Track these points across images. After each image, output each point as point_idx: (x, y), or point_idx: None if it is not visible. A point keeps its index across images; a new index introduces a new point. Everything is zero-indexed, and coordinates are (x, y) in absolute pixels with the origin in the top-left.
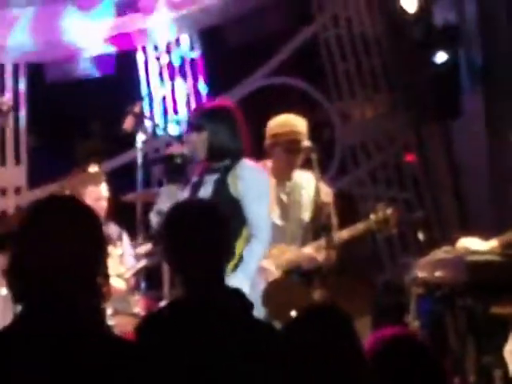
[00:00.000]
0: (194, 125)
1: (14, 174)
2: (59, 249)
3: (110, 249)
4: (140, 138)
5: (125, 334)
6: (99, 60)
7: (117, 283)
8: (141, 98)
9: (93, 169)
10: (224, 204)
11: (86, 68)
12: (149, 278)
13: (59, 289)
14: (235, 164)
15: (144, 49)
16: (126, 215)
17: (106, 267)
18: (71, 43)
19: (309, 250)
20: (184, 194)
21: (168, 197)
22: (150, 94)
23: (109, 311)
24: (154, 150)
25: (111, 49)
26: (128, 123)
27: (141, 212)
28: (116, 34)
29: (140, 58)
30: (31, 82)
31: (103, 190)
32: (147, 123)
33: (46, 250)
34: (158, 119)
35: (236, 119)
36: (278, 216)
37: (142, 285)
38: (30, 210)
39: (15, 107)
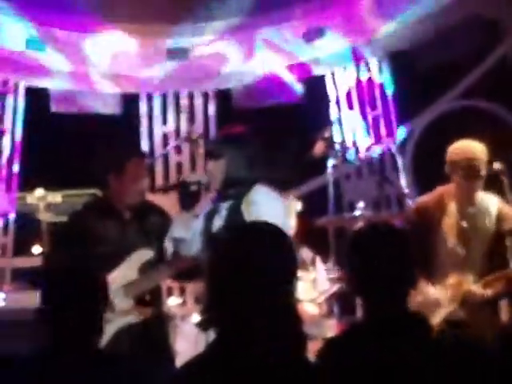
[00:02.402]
0: (210, 152)
1: (205, 200)
2: (250, 275)
3: (303, 273)
4: (330, 163)
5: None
6: (287, 86)
7: (310, 308)
8: (330, 123)
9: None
10: None
11: (274, 94)
12: (342, 303)
13: (254, 315)
14: (249, 190)
15: (333, 74)
16: (319, 239)
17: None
18: (256, 70)
19: (476, 286)
20: (198, 223)
21: (182, 225)
22: (339, 119)
23: None
24: (345, 174)
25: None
26: (318, 148)
27: (333, 236)
28: (297, 63)
29: (329, 83)
30: (220, 109)
31: (292, 221)
32: (337, 148)
33: (240, 277)
34: (348, 144)
35: (256, 148)
36: (457, 243)
37: (336, 309)
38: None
39: (205, 135)
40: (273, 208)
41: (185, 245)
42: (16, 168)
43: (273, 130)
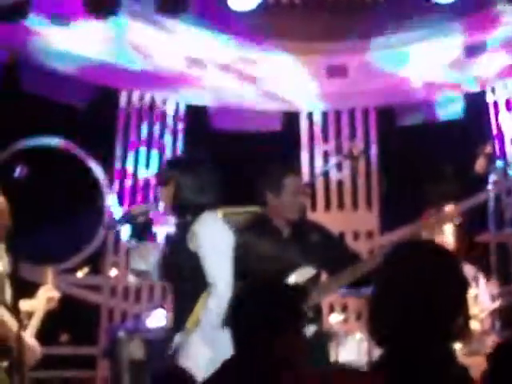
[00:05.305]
0: (160, 178)
1: (366, 218)
2: (421, 293)
3: None
4: (492, 178)
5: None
6: (446, 103)
7: (472, 324)
8: (491, 139)
9: (449, 209)
10: (183, 262)
11: (433, 111)
12: (503, 319)
13: (418, 333)
14: (195, 219)
15: (493, 88)
16: (480, 256)
17: (466, 309)
18: (417, 86)
19: None
20: (157, 250)
21: (140, 256)
22: (500, 134)
23: (464, 351)
24: (506, 190)
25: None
26: (480, 165)
27: (494, 252)
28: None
29: (489, 97)
30: (382, 126)
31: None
32: (499, 164)
33: (409, 295)
34: (510, 159)
35: (207, 173)
36: None
37: (497, 325)
38: (390, 255)
39: (366, 152)
40: (214, 238)
41: (147, 277)
42: None
43: (435, 147)
